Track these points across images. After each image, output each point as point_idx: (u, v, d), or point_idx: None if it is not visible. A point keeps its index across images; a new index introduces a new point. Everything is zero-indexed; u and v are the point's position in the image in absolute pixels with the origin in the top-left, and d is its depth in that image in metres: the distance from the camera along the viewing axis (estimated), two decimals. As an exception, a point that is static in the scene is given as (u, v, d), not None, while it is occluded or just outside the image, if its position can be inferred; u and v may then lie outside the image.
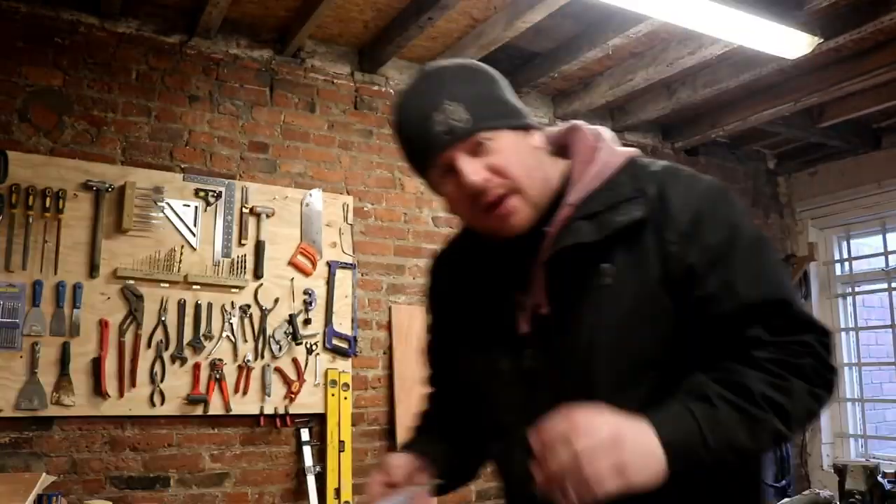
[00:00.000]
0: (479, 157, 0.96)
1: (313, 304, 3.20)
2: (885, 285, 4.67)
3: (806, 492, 3.31)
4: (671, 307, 0.94)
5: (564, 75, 3.56)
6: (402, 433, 3.26)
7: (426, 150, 0.98)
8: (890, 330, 4.61)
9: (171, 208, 2.98)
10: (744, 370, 0.89)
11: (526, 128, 1.02)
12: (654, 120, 4.23)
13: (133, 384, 2.81)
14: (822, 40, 3.01)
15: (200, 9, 2.94)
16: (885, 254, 4.67)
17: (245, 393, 3.01)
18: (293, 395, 3.10)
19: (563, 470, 0.78)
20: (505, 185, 0.96)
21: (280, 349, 3.11)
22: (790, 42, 2.97)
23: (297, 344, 3.14)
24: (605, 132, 1.08)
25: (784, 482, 4.51)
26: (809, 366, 0.93)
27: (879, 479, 3.15)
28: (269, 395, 3.05)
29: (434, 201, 3.56)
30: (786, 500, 3.21)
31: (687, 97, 3.72)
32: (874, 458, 4.38)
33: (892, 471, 3.27)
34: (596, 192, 1.00)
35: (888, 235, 4.66)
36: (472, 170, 0.95)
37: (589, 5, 2.81)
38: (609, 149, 1.05)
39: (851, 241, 4.90)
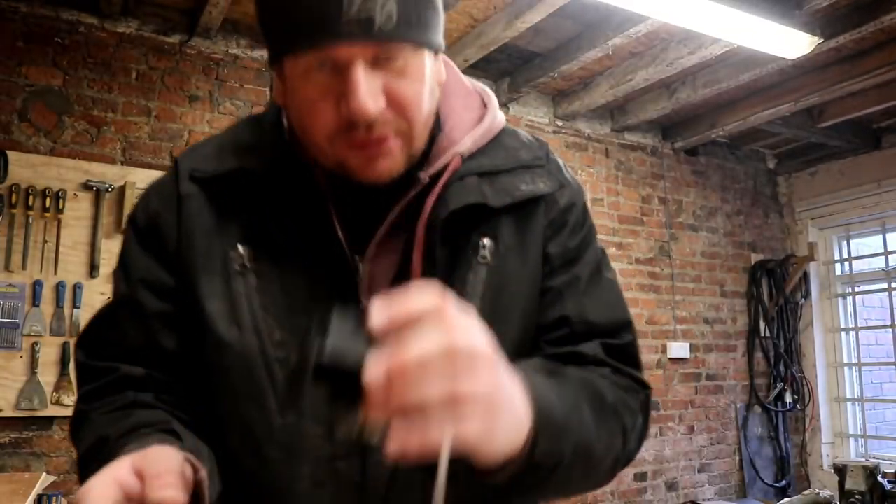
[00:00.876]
0: (381, 72, 0.71)
1: (313, 304, 3.20)
2: (885, 285, 4.67)
3: (806, 492, 3.30)
4: (537, 300, 0.83)
5: (564, 75, 3.56)
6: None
7: (317, 28, 0.68)
8: (890, 330, 4.61)
9: (171, 208, 2.97)
10: (598, 378, 0.78)
11: (438, 51, 0.79)
12: (654, 120, 4.23)
13: (133, 384, 2.81)
14: (822, 40, 3.01)
15: (200, 9, 2.94)
16: (885, 254, 4.67)
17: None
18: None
19: (429, 387, 0.49)
20: (397, 125, 0.74)
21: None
22: (790, 42, 2.97)
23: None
24: (479, 83, 0.93)
25: (784, 482, 4.51)
26: (641, 405, 0.82)
27: (879, 479, 3.15)
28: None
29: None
30: (786, 500, 3.21)
31: (687, 97, 3.72)
32: (874, 458, 4.38)
33: (892, 471, 3.27)
34: (489, 148, 0.84)
35: (888, 235, 4.67)
36: (370, 90, 0.69)
37: (589, 5, 2.81)
38: (496, 104, 0.90)
39: (851, 241, 4.90)
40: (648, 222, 4.30)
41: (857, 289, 4.85)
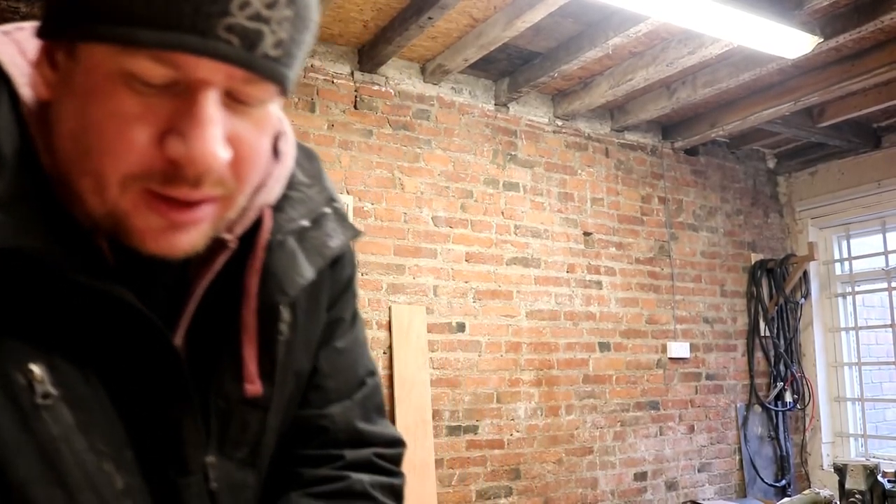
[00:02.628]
0: (228, 113, 0.53)
1: (313, 304, 3.19)
2: (885, 285, 4.67)
3: (806, 491, 3.30)
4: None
5: (564, 75, 3.56)
6: (403, 432, 3.26)
7: (176, 20, 0.48)
8: (890, 329, 4.61)
9: (171, 208, 2.97)
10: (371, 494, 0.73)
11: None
12: (654, 119, 4.23)
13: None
14: (822, 40, 3.01)
15: (200, 8, 2.93)
16: (885, 253, 4.67)
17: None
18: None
19: None
20: (227, 187, 0.55)
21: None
22: (790, 41, 2.97)
23: (297, 344, 3.13)
24: None
25: (784, 481, 4.51)
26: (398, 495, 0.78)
27: (879, 478, 3.15)
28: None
29: (434, 200, 3.56)
30: (786, 499, 3.21)
31: (687, 97, 3.72)
32: (874, 457, 4.38)
33: (892, 470, 3.27)
34: (290, 193, 0.67)
35: (888, 235, 4.67)
36: (220, 136, 0.51)
37: (589, 5, 2.81)
38: (283, 117, 0.68)
39: (851, 241, 4.90)
40: (648, 222, 4.30)
41: (857, 288, 4.85)
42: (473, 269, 3.62)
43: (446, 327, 3.50)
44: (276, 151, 0.66)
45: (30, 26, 0.60)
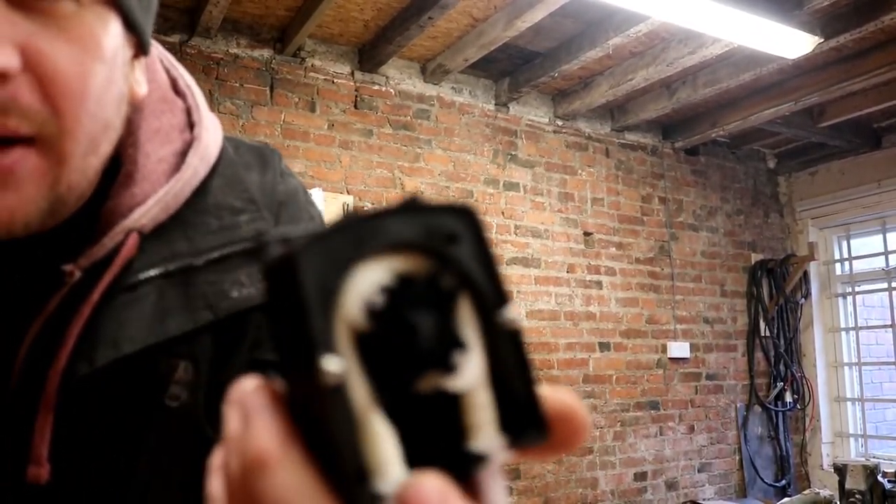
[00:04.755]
0: (22, 15, 0.40)
1: (313, 304, 3.19)
2: (885, 285, 4.67)
3: (806, 491, 3.31)
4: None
5: (564, 75, 3.56)
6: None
7: None
8: (890, 330, 4.61)
9: (171, 208, 2.96)
10: None
11: (144, 47, 0.52)
12: (654, 119, 4.23)
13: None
14: (822, 40, 3.01)
15: (200, 8, 2.94)
16: (886, 254, 4.67)
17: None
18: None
19: None
20: (38, 117, 0.42)
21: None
22: (790, 42, 2.97)
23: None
24: (185, 72, 0.59)
25: (784, 482, 4.52)
26: None
27: (879, 478, 3.15)
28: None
29: (434, 200, 3.56)
30: (786, 499, 3.21)
31: (687, 97, 3.72)
32: (874, 457, 4.38)
33: (892, 470, 3.27)
34: (188, 212, 0.51)
35: (888, 235, 4.67)
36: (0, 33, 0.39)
37: (589, 5, 2.81)
38: (208, 116, 0.55)
39: (851, 241, 4.90)
40: (648, 222, 4.30)
41: (857, 288, 4.85)
42: (473, 268, 3.61)
43: (446, 327, 3.50)
44: (180, 158, 0.51)
45: None
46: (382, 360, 0.24)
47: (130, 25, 0.47)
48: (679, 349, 4.26)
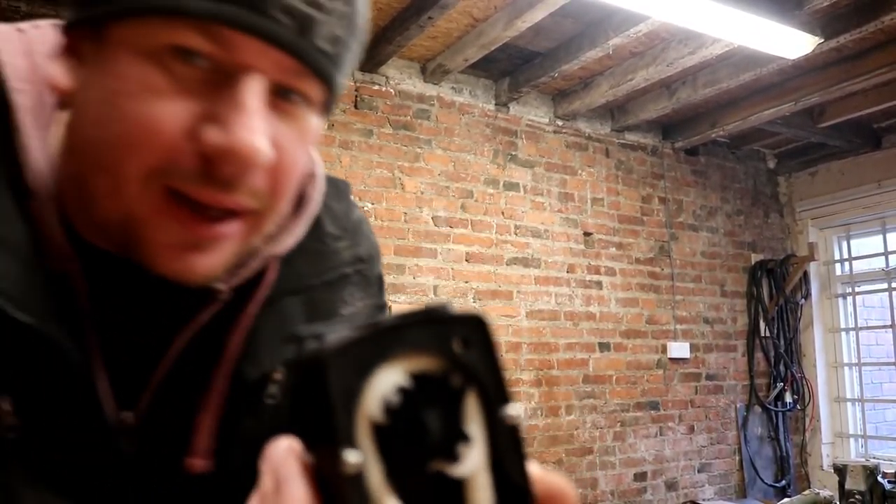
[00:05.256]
0: (273, 119, 0.48)
1: (313, 304, 3.19)
2: (885, 285, 4.67)
3: (806, 492, 3.31)
4: None
5: (564, 75, 3.56)
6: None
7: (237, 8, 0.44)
8: (890, 330, 4.61)
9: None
10: None
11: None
12: (654, 120, 4.23)
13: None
14: (822, 40, 3.01)
15: (200, 8, 2.94)
16: (886, 254, 4.67)
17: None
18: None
19: None
20: (263, 200, 0.49)
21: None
22: (790, 42, 2.97)
23: (297, 343, 3.12)
24: None
25: (784, 482, 4.52)
26: None
27: (879, 479, 3.15)
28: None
29: (434, 200, 3.56)
30: (786, 500, 3.21)
31: (687, 97, 3.72)
32: (874, 458, 4.38)
33: (892, 471, 3.27)
34: (307, 241, 0.59)
35: (888, 235, 4.67)
36: (264, 130, 0.46)
37: (589, 5, 2.81)
38: (316, 155, 0.63)
39: (851, 241, 4.90)
40: (648, 222, 4.30)
41: (857, 289, 4.85)
42: (474, 268, 3.62)
43: (446, 327, 3.50)
44: (300, 198, 0.57)
45: (48, 23, 0.58)
46: (397, 449, 0.29)
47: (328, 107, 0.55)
48: (679, 349, 4.26)
